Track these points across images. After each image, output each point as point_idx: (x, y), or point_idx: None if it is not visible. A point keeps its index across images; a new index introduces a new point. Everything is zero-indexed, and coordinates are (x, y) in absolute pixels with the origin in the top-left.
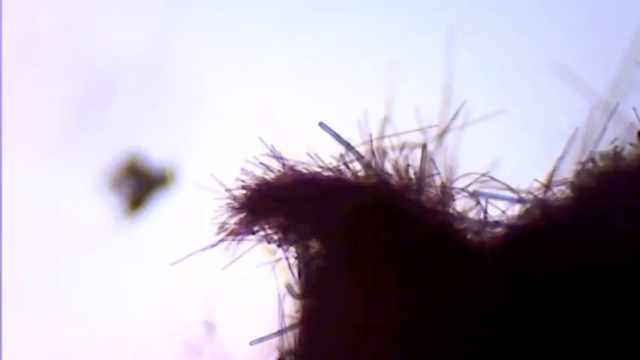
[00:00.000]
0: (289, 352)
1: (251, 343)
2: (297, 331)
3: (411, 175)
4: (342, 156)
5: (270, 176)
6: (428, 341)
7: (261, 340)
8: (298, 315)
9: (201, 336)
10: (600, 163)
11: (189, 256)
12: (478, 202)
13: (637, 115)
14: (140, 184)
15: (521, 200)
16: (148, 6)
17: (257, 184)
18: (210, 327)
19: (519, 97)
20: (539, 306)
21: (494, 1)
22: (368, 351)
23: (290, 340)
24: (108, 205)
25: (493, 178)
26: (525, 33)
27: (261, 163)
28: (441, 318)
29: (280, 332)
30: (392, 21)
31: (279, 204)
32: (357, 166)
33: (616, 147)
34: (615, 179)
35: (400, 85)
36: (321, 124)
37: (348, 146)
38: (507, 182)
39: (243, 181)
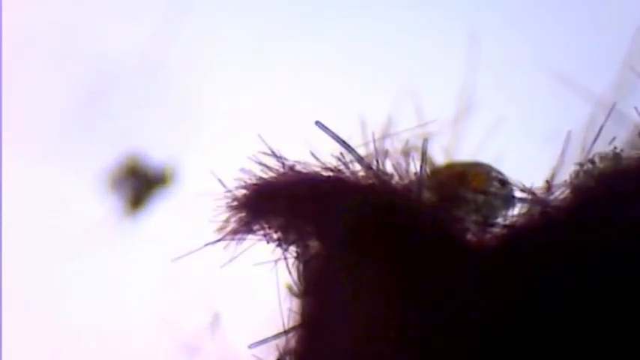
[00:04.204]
0: (289, 352)
1: (250, 347)
2: (296, 330)
3: (411, 175)
4: (341, 155)
5: (269, 176)
6: (428, 341)
7: (261, 342)
8: (298, 315)
9: (202, 336)
10: (600, 164)
11: (188, 254)
12: None
13: (638, 114)
14: (140, 184)
15: (520, 200)
16: (148, 6)
17: (256, 184)
18: (210, 327)
19: (519, 97)
20: (539, 306)
21: (493, 2)
22: (368, 351)
23: (290, 340)
24: (108, 205)
25: None
26: (524, 32)
27: (261, 163)
28: (441, 318)
29: (280, 332)
30: (392, 22)
31: (279, 203)
32: (356, 165)
33: (615, 147)
34: (614, 180)
35: (401, 85)
36: (317, 123)
37: (345, 145)
38: None
39: (242, 180)
